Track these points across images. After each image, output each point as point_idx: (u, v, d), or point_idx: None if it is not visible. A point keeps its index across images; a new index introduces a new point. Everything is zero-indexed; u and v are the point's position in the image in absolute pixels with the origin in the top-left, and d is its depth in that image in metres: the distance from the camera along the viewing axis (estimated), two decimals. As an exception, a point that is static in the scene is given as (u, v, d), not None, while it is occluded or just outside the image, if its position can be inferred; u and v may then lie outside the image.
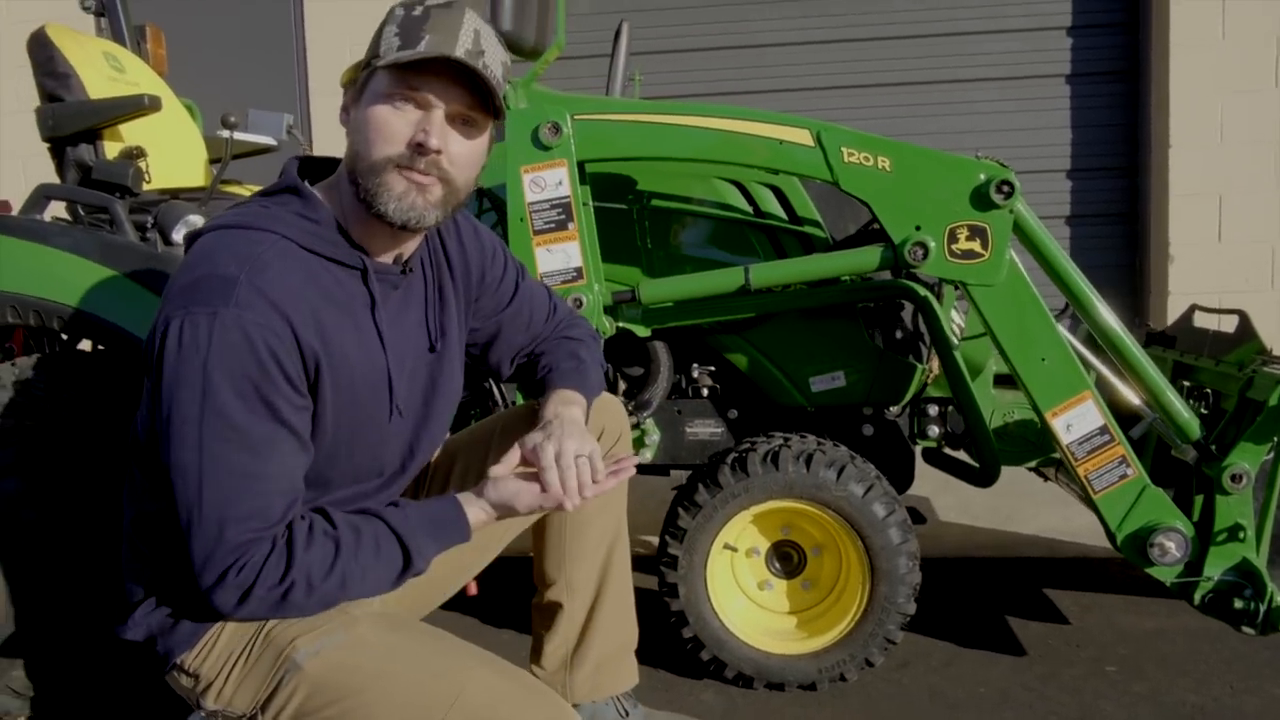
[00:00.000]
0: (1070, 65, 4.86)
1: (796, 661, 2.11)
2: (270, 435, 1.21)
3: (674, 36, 5.06)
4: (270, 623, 1.33)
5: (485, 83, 1.28)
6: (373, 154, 1.27)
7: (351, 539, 1.26)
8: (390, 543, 1.29)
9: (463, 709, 1.24)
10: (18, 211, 2.34)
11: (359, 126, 1.29)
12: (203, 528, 1.19)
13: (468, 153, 1.33)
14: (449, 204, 1.34)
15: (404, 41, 1.26)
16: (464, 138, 1.32)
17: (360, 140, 1.29)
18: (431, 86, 1.27)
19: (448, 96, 1.28)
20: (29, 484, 1.91)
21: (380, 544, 1.28)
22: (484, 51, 1.30)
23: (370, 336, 1.33)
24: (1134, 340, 2.08)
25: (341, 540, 1.26)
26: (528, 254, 2.07)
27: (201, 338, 1.16)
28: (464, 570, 1.70)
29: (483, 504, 1.35)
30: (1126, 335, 2.07)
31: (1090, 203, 4.91)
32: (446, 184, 1.31)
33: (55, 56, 2.48)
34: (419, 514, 1.33)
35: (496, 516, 1.37)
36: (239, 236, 1.24)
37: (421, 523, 1.32)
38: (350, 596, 1.28)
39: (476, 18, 1.33)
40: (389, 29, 1.29)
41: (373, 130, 1.27)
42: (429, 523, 1.33)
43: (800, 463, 2.07)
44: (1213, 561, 2.01)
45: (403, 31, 1.27)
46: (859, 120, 4.89)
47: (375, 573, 1.28)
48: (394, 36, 1.27)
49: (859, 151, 2.02)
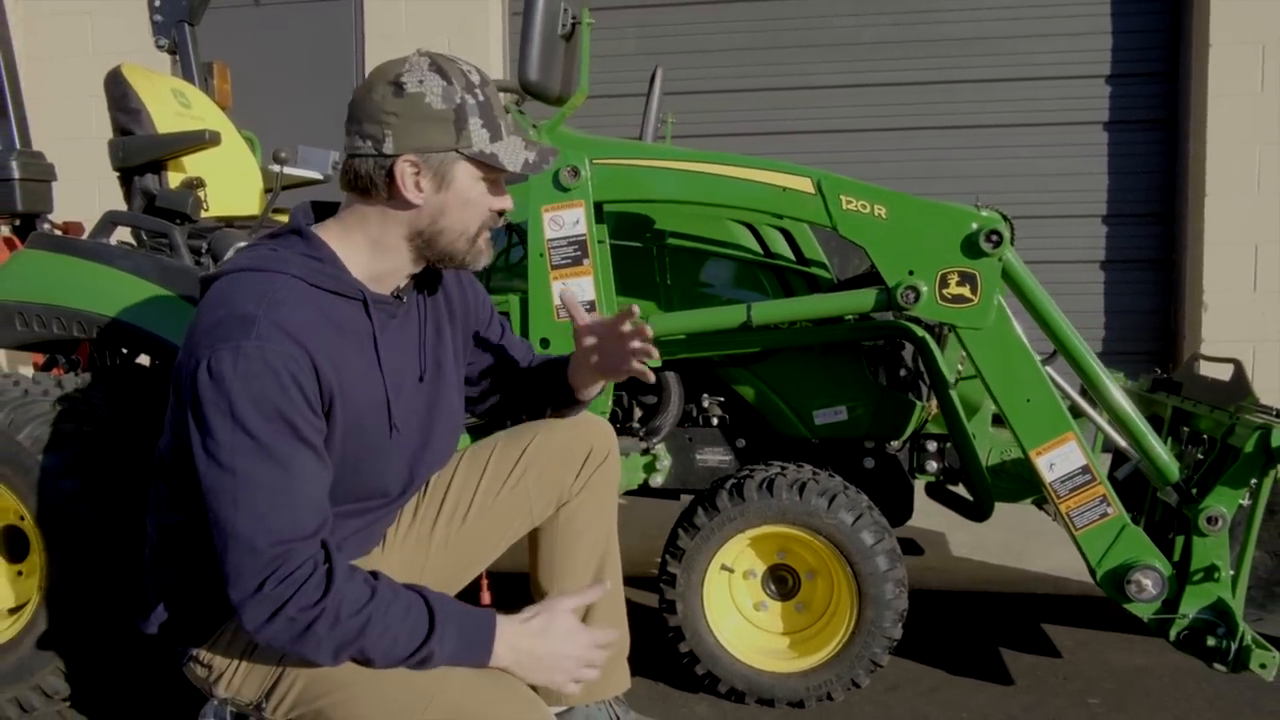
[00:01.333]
0: (1108, 113, 4.93)
1: (786, 679, 2.22)
2: (294, 453, 1.34)
3: (714, 78, 5.23)
4: None
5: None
6: (472, 228, 1.52)
7: (388, 594, 1.35)
8: (421, 614, 1.36)
9: (441, 704, 1.37)
10: (87, 235, 2.56)
11: (454, 208, 1.48)
12: (237, 542, 1.31)
13: None
14: None
15: (492, 134, 1.47)
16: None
17: (457, 219, 1.50)
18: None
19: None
20: (84, 484, 2.09)
21: (411, 610, 1.36)
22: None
23: (370, 361, 1.49)
24: (1117, 385, 2.17)
25: (379, 591, 1.35)
26: (545, 287, 2.23)
27: (227, 369, 1.30)
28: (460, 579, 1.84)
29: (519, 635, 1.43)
30: (1109, 380, 2.16)
31: (1125, 249, 4.95)
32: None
33: (128, 93, 2.72)
34: (457, 607, 1.41)
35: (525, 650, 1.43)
36: (252, 279, 1.40)
37: (456, 614, 1.39)
38: (366, 649, 1.33)
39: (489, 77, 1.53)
40: (473, 120, 1.44)
41: (473, 210, 1.50)
42: (461, 624, 1.39)
43: (794, 490, 2.19)
44: (1189, 600, 2.08)
45: (486, 123, 1.46)
46: (896, 163, 5.04)
47: (395, 634, 1.34)
48: (482, 129, 1.46)
49: (857, 199, 2.14)
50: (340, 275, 1.48)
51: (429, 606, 1.37)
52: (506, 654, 1.41)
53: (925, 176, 4.99)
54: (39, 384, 2.22)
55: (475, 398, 1.93)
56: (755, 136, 5.23)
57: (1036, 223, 4.98)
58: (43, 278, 2.47)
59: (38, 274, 2.48)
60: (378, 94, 1.43)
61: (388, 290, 1.56)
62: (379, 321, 1.52)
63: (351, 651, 1.33)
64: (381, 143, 1.43)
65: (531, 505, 1.82)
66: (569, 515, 1.87)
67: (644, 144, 2.44)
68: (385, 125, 1.42)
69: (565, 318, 2.22)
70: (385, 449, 1.54)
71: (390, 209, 1.47)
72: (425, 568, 1.75)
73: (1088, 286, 4.98)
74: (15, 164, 2.46)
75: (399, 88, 1.42)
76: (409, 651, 1.35)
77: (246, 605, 1.31)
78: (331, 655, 1.34)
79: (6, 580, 2.26)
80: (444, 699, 1.38)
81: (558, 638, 1.46)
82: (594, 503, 1.88)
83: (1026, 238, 4.97)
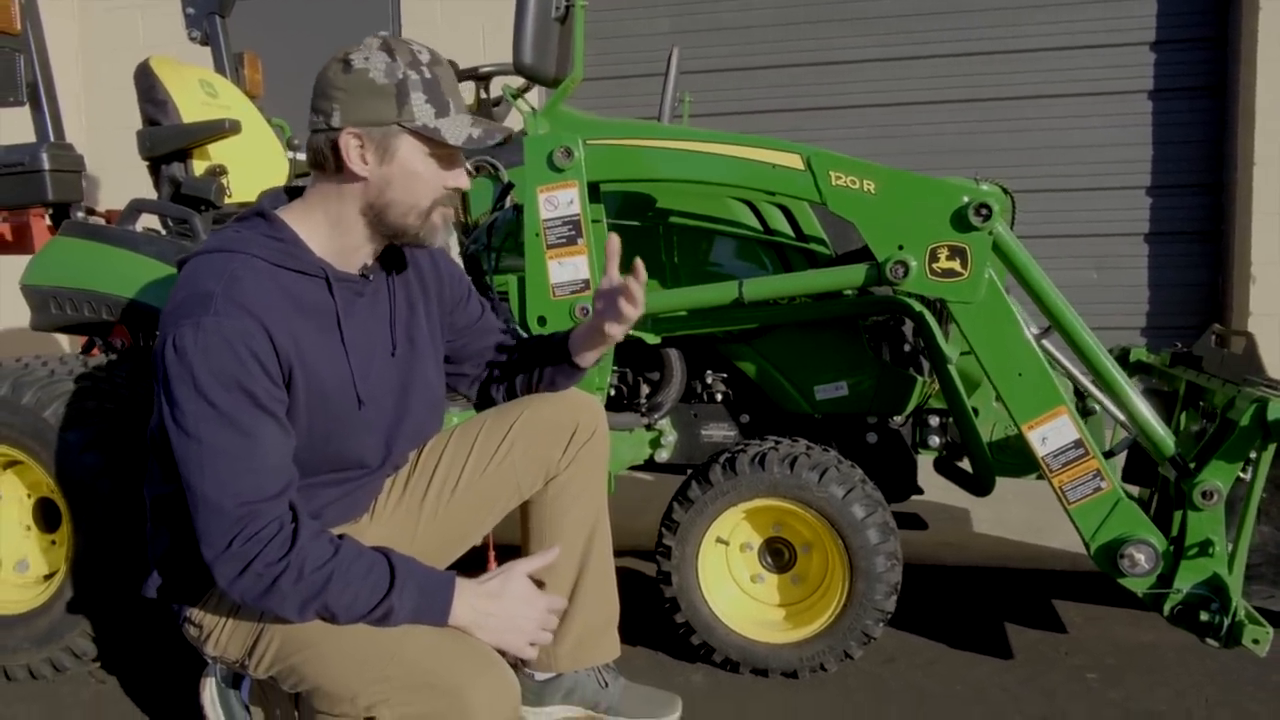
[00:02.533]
0: (1153, 81, 4.79)
1: (780, 650, 2.25)
2: (254, 420, 1.42)
3: (744, 55, 5.20)
4: None
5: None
6: (422, 203, 1.56)
7: (352, 552, 1.42)
8: (383, 572, 1.42)
9: (401, 661, 1.43)
10: (116, 223, 2.68)
11: (399, 181, 1.54)
12: (206, 504, 1.39)
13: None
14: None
15: (438, 109, 1.52)
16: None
17: (403, 193, 1.54)
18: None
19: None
20: (106, 459, 2.21)
21: (373, 568, 1.42)
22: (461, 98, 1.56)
23: (334, 338, 1.56)
24: (1112, 359, 2.15)
25: (342, 549, 1.42)
26: (542, 266, 2.28)
27: (189, 344, 1.39)
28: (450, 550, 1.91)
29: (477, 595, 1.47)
30: (1104, 354, 2.14)
31: (1171, 220, 4.82)
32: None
33: (155, 85, 2.83)
34: (419, 567, 1.47)
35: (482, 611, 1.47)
36: (214, 259, 1.48)
37: (416, 573, 1.45)
38: (329, 603, 1.39)
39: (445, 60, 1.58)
40: (415, 95, 1.50)
41: (421, 185, 1.55)
42: (420, 583, 1.45)
43: (785, 464, 2.21)
44: (1183, 575, 2.06)
45: (431, 98, 1.52)
46: (935, 137, 4.98)
47: (356, 589, 1.39)
48: (426, 104, 1.51)
49: (846, 175, 2.15)
50: (301, 254, 1.54)
51: (390, 565, 1.43)
52: (465, 613, 1.47)
53: (959, 150, 4.93)
54: (65, 364, 2.35)
55: (460, 375, 1.99)
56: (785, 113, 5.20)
57: (1078, 195, 4.89)
58: (74, 263, 2.61)
59: (69, 260, 2.62)
60: (330, 71, 1.51)
61: (354, 268, 1.62)
62: (343, 299, 1.58)
63: (316, 606, 1.40)
64: (330, 117, 1.50)
65: (519, 480, 1.88)
66: (557, 490, 1.92)
67: (640, 123, 2.47)
68: (334, 100, 1.50)
69: (561, 296, 2.27)
70: (355, 422, 1.60)
71: (343, 184, 1.54)
72: (415, 538, 1.82)
73: (1131, 260, 4.87)
74: (45, 156, 2.59)
75: (347, 65, 1.50)
76: (370, 606, 1.41)
77: (217, 563, 1.40)
78: (298, 610, 1.41)
79: (41, 549, 2.40)
80: (405, 655, 1.44)
81: (514, 600, 1.51)
82: (582, 478, 1.93)
83: (1068, 210, 4.91)
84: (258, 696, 1.79)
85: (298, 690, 1.55)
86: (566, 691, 2.05)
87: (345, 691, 1.45)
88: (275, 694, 1.69)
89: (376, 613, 1.42)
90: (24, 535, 2.41)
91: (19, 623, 2.28)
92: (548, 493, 1.92)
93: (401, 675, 1.43)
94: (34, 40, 2.70)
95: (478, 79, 2.94)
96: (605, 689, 2.06)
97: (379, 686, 1.43)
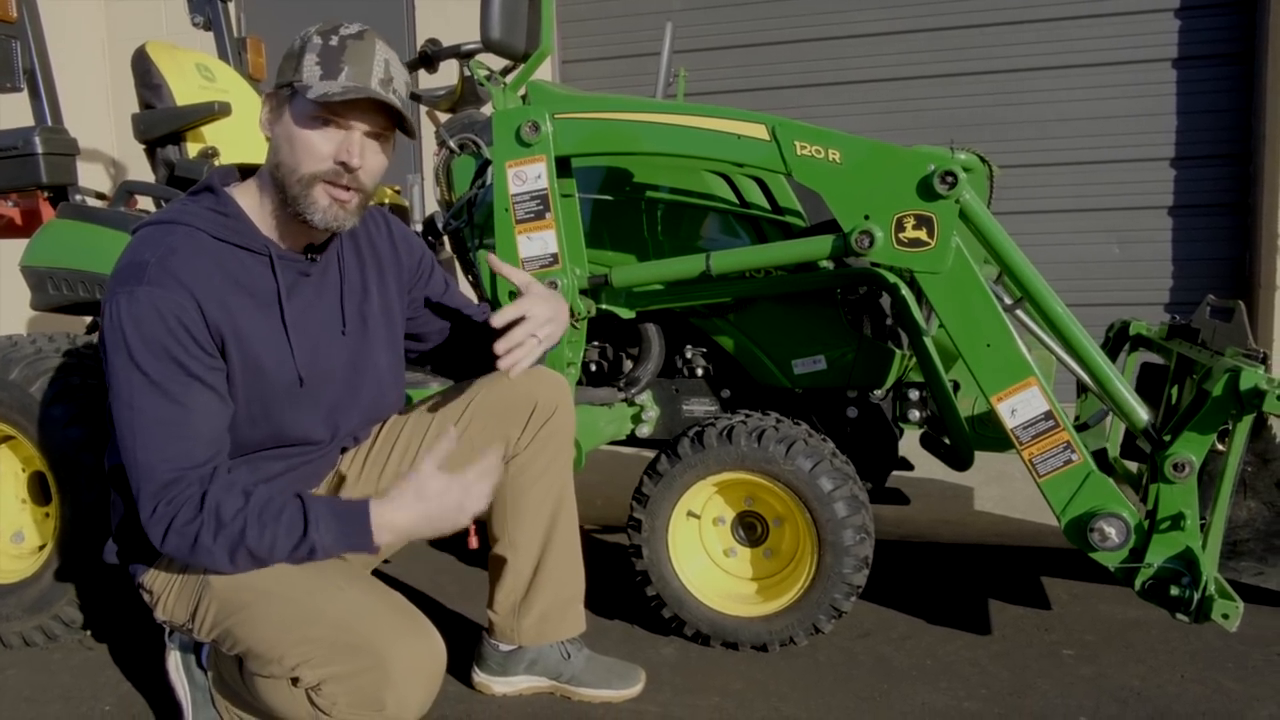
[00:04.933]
0: (1178, 48, 4.66)
1: (750, 624, 2.25)
2: (185, 388, 1.45)
3: (761, 30, 5.16)
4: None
5: (398, 110, 1.53)
6: (301, 169, 1.52)
7: (263, 498, 1.46)
8: (295, 512, 1.46)
9: (325, 623, 1.46)
10: (110, 206, 2.75)
11: (284, 142, 1.53)
12: (138, 469, 1.45)
13: (380, 164, 1.60)
14: (363, 208, 1.62)
15: (325, 71, 1.49)
16: (378, 151, 1.58)
17: (287, 155, 1.53)
18: (352, 113, 1.52)
19: (366, 120, 1.54)
20: (89, 433, 2.27)
21: (286, 509, 1.46)
22: (393, 79, 1.55)
23: (273, 314, 1.58)
24: (1083, 330, 2.10)
25: (254, 496, 1.46)
26: (510, 241, 2.29)
27: (123, 313, 1.43)
28: None
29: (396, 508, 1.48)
30: (1076, 325, 2.09)
31: (1196, 193, 4.69)
32: (362, 193, 1.58)
33: (151, 69, 2.89)
34: (334, 502, 1.52)
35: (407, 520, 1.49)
36: (157, 230, 1.52)
37: (330, 508, 1.49)
38: (251, 548, 1.43)
39: (384, 46, 1.56)
40: (308, 57, 1.50)
41: (301, 149, 1.51)
42: (336, 513, 1.48)
43: (753, 438, 2.20)
44: (1155, 549, 2.02)
45: (323, 61, 1.50)
46: (952, 110, 4.90)
47: (274, 531, 1.44)
48: (315, 65, 1.50)
49: (810, 145, 2.12)
50: (244, 229, 1.57)
51: (303, 504, 1.47)
52: (388, 530, 1.49)
53: (982, 124, 4.84)
54: (52, 342, 2.41)
55: (424, 352, 2.01)
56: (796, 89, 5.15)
57: (1099, 168, 4.78)
58: (69, 245, 2.67)
59: (65, 241, 2.68)
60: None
61: (299, 247, 1.64)
62: (286, 277, 1.61)
63: (241, 553, 1.44)
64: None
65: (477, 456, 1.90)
66: (518, 468, 1.94)
67: (612, 98, 2.45)
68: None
69: (530, 270, 2.28)
70: (297, 398, 1.63)
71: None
72: None
73: (1155, 234, 4.75)
74: (39, 139, 2.65)
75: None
76: (291, 545, 1.45)
77: (148, 526, 1.45)
78: (227, 559, 1.45)
79: (35, 521, 2.48)
80: (329, 618, 1.47)
81: (432, 498, 1.51)
82: (544, 456, 1.95)
83: (1089, 184, 4.81)
84: (212, 661, 1.83)
85: (235, 652, 1.59)
86: (530, 662, 2.08)
87: (273, 652, 1.49)
88: (223, 658, 1.73)
89: (300, 550, 1.46)
90: (20, 508, 2.49)
91: (13, 592, 2.36)
92: (508, 471, 1.94)
93: (325, 636, 1.46)
94: (31, 27, 2.76)
95: (460, 56, 2.95)
96: (568, 660, 2.08)
97: (304, 648, 1.46)
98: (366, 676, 1.43)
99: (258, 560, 1.46)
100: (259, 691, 1.55)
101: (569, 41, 5.28)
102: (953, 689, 2.07)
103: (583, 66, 5.25)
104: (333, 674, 1.44)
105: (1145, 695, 2.03)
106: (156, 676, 2.13)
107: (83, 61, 5.62)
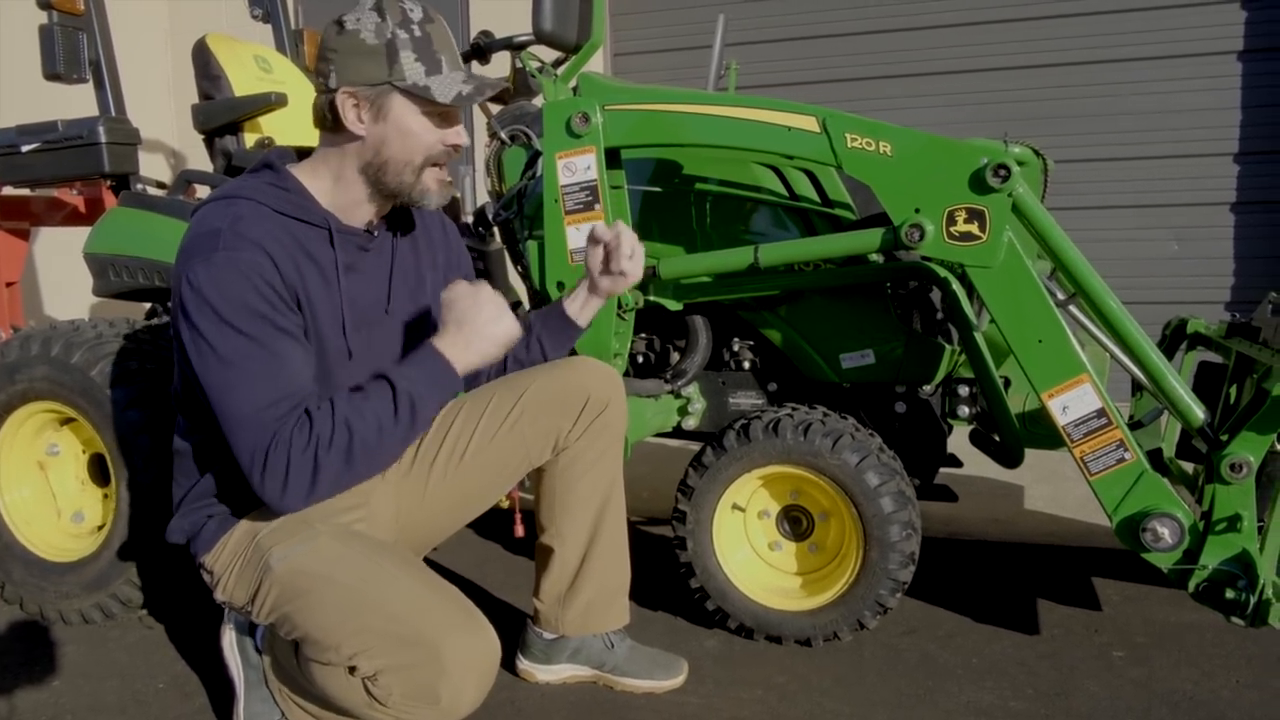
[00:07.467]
0: (1243, 40, 4.55)
1: (794, 618, 2.24)
2: (275, 340, 1.49)
3: (814, 23, 5.12)
4: (260, 533, 1.63)
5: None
6: (416, 159, 1.60)
7: (343, 395, 1.52)
8: (376, 385, 1.53)
9: (382, 613, 1.48)
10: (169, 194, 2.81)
11: (395, 137, 1.58)
12: (243, 425, 1.46)
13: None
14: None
15: (428, 67, 1.56)
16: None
17: (399, 149, 1.59)
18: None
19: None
20: (146, 415, 2.32)
21: (367, 389, 1.53)
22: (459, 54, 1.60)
23: (332, 287, 1.61)
24: (1138, 327, 2.06)
25: (337, 399, 1.50)
26: (560, 232, 2.30)
27: (203, 279, 1.46)
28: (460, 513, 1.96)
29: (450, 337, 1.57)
30: (1131, 322, 2.06)
31: (1259, 189, 4.58)
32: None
33: (210, 61, 2.94)
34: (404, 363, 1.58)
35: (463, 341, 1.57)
36: (220, 204, 1.56)
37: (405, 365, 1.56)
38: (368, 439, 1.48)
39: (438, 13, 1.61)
40: (404, 54, 1.55)
41: (414, 142, 1.59)
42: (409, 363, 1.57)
43: (799, 431, 2.19)
44: (1210, 551, 1.98)
45: (421, 56, 1.56)
46: (1012, 104, 4.83)
47: (375, 410, 1.50)
48: (416, 62, 1.56)
49: (861, 137, 2.11)
50: (306, 203, 1.60)
51: (381, 376, 1.54)
52: (458, 359, 1.57)
53: (1035, 118, 4.77)
54: (113, 327, 2.47)
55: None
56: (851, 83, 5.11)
57: (1159, 163, 4.69)
58: (130, 232, 2.74)
59: (126, 229, 2.75)
60: (327, 34, 1.58)
61: (359, 224, 1.67)
62: (345, 252, 1.64)
63: (357, 451, 1.48)
64: (328, 79, 1.56)
65: (528, 449, 1.91)
66: (568, 460, 1.95)
67: (663, 89, 2.45)
68: (330, 62, 1.55)
69: (579, 262, 2.29)
70: (345, 370, 1.65)
71: (343, 143, 1.60)
72: (424, 499, 1.88)
73: (1217, 231, 4.64)
74: (102, 129, 2.72)
75: (341, 27, 1.55)
76: (391, 410, 1.51)
77: (264, 483, 1.47)
78: (363, 464, 1.50)
79: (96, 501, 2.55)
80: (387, 608, 1.49)
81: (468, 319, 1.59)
82: (594, 449, 1.96)
83: (1149, 179, 4.71)
84: (268, 644, 1.87)
85: (292, 637, 1.61)
86: (573, 651, 2.09)
87: (330, 640, 1.51)
88: (279, 641, 1.77)
89: (401, 408, 1.51)
90: (80, 488, 2.56)
91: (73, 570, 2.43)
92: (558, 463, 1.96)
93: (383, 627, 1.48)
94: (96, 20, 2.83)
95: (512, 48, 2.96)
96: (611, 650, 2.09)
97: (362, 637, 1.49)
98: (422, 670, 1.44)
99: (372, 453, 1.49)
100: (315, 677, 1.58)
101: (621, 34, 5.29)
102: (998, 688, 2.05)
103: (635, 59, 5.26)
104: (389, 665, 1.46)
105: (1198, 699, 1.99)
106: (210, 656, 2.18)
107: (145, 54, 5.75)
